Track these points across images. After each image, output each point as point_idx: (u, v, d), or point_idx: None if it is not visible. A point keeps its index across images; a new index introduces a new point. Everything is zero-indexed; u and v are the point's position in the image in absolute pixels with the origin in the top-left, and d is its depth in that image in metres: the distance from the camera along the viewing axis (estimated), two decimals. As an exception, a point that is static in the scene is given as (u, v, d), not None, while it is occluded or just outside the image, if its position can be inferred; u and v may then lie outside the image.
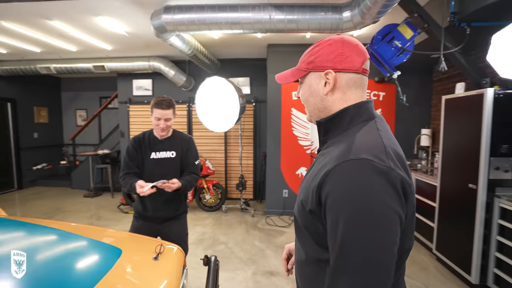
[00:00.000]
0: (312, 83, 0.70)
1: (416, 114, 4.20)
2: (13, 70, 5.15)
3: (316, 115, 0.72)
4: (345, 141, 0.63)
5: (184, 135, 1.90)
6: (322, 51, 0.68)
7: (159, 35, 3.01)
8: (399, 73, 2.36)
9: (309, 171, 0.73)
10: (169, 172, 1.75)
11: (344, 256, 0.54)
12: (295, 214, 0.72)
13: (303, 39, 3.94)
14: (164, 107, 1.67)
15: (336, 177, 0.57)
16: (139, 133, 1.83)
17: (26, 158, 6.16)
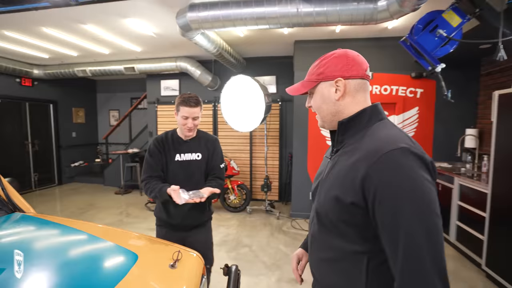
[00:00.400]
0: (323, 91, 0.77)
1: (458, 112, 3.79)
2: (54, 73, 5.50)
3: (330, 120, 0.79)
4: (371, 136, 0.70)
5: (209, 135, 1.77)
6: (330, 63, 0.76)
7: (184, 34, 3.00)
8: (443, 65, 2.09)
9: (330, 167, 0.78)
10: (194, 175, 1.64)
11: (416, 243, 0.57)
12: (321, 212, 0.75)
13: (332, 34, 3.73)
14: (192, 104, 1.53)
15: (383, 167, 0.61)
16: (161, 133, 1.71)
17: (65, 156, 6.59)
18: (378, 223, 0.62)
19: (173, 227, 1.66)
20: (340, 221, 0.70)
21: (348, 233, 0.69)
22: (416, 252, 0.57)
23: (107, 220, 4.14)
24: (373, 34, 3.72)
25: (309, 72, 0.82)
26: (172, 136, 1.66)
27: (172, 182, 1.56)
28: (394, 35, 3.73)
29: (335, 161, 0.77)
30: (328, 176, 0.76)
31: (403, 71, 3.83)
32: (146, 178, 1.59)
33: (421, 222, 0.58)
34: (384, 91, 3.90)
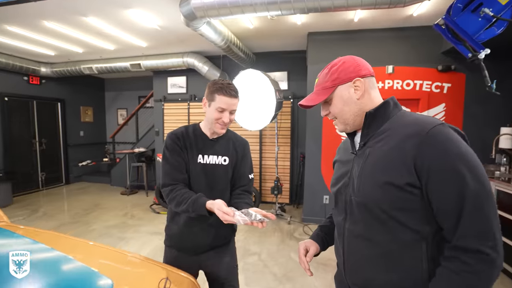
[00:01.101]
0: (343, 94, 0.81)
1: (492, 109, 3.41)
2: (61, 71, 5.42)
3: (353, 120, 0.83)
4: (401, 121, 0.76)
5: (239, 136, 1.44)
6: (342, 67, 0.82)
7: (189, 24, 2.77)
8: (488, 51, 1.76)
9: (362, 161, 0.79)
10: (218, 184, 1.31)
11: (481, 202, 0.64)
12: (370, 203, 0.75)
13: (350, 24, 3.43)
14: (233, 93, 1.22)
15: (434, 141, 0.67)
16: (179, 127, 1.36)
17: (73, 155, 6.52)
18: (436, 195, 0.66)
19: (189, 250, 1.32)
20: (394, 208, 0.71)
21: (404, 220, 0.71)
22: (483, 211, 0.63)
23: (111, 222, 3.98)
24: (395, 23, 3.39)
25: (321, 82, 0.85)
26: (194, 132, 1.32)
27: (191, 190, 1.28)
28: (419, 24, 3.39)
29: (366, 153, 0.79)
30: (364, 168, 0.78)
31: (428, 63, 3.48)
32: (170, 184, 1.23)
33: (483, 184, 0.64)
34: (406, 86, 3.56)
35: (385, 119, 0.79)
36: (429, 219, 0.70)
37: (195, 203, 1.12)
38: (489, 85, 1.90)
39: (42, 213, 4.30)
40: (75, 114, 6.62)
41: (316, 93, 0.86)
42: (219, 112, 1.21)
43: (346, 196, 0.83)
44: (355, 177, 0.81)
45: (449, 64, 3.39)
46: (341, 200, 0.87)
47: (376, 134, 0.79)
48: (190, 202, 1.13)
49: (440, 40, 3.41)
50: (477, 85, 3.39)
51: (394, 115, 0.79)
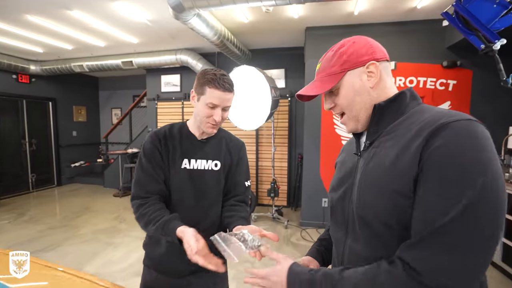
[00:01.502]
0: (354, 82, 0.65)
1: (500, 107, 3.23)
2: (52, 69, 5.24)
3: (365, 115, 0.67)
4: (418, 117, 0.59)
5: (234, 137, 1.22)
6: (352, 49, 0.66)
7: (178, 16, 2.60)
8: (503, 41, 1.59)
9: (365, 163, 0.65)
10: (207, 193, 1.08)
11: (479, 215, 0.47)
12: (369, 216, 0.60)
13: (349, 17, 3.25)
14: (227, 87, 1.00)
15: (449, 134, 0.51)
16: (163, 126, 1.13)
17: (65, 156, 6.34)
18: (432, 189, 0.50)
19: (170, 272, 1.09)
20: (398, 222, 0.56)
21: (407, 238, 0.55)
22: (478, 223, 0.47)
23: (100, 225, 3.80)
24: (398, 17, 3.21)
25: (325, 67, 0.69)
26: (180, 131, 1.10)
27: (171, 202, 1.05)
28: (423, 18, 3.21)
29: (371, 155, 0.64)
30: (366, 173, 0.64)
31: (432, 59, 3.30)
32: (140, 197, 1.01)
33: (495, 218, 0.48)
34: (409, 84, 3.38)
35: (399, 114, 0.63)
36: None
37: (165, 227, 0.91)
38: (504, 79, 1.72)
39: (29, 217, 4.12)
40: (67, 114, 6.44)
41: (320, 80, 0.69)
42: (210, 109, 1.00)
43: (347, 206, 0.68)
44: (356, 184, 0.66)
45: (454, 60, 3.22)
46: (340, 211, 0.71)
47: (386, 132, 0.63)
48: (160, 224, 0.92)
49: (445, 34, 3.24)
50: (485, 82, 3.22)
51: (411, 110, 0.63)
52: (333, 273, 0.60)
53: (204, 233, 0.91)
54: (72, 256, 2.91)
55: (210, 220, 1.09)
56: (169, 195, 1.07)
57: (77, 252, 3.02)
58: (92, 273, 2.71)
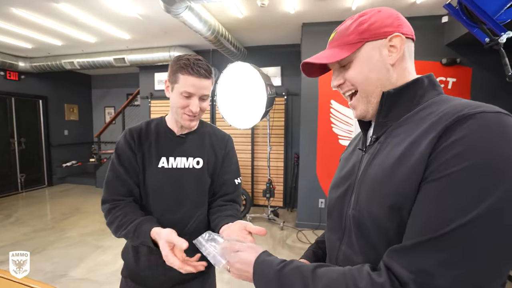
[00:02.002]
0: (371, 54, 0.55)
1: (501, 106, 3.09)
2: (41, 66, 5.09)
3: (378, 96, 0.56)
4: (436, 107, 0.49)
5: (219, 131, 1.10)
6: (376, 17, 0.55)
7: (169, 9, 2.49)
8: (510, 33, 1.51)
9: (369, 160, 0.56)
10: (188, 195, 0.98)
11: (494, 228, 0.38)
12: (366, 224, 0.52)
13: (347, 13, 3.16)
14: (203, 72, 0.87)
15: (472, 126, 0.41)
16: (140, 122, 1.03)
17: (57, 155, 6.18)
18: (440, 189, 0.40)
19: (150, 284, 0.98)
20: (399, 233, 0.46)
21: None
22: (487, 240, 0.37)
23: (89, 228, 3.67)
24: (396, 12, 3.13)
25: (341, 35, 0.58)
26: (156, 128, 1.00)
27: (149, 206, 0.95)
28: (422, 14, 3.13)
29: (375, 151, 0.55)
30: (366, 172, 0.55)
31: (431, 57, 3.23)
32: (110, 200, 0.92)
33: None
34: (408, 81, 3.30)
35: (414, 105, 0.53)
36: None
37: (138, 230, 0.82)
38: (509, 75, 1.64)
39: (15, 219, 3.97)
40: (59, 112, 6.29)
41: (332, 48, 0.58)
42: (185, 98, 0.89)
43: (346, 207, 0.60)
44: (356, 183, 0.58)
45: (454, 57, 3.14)
46: (337, 212, 0.62)
47: (396, 125, 0.54)
48: (132, 227, 0.83)
49: (445, 31, 3.16)
50: (485, 79, 3.15)
51: (429, 100, 0.53)
52: (305, 269, 0.52)
53: (189, 237, 0.82)
54: (58, 260, 2.79)
55: (195, 223, 0.99)
56: (146, 198, 0.97)
57: (63, 256, 2.89)
58: (79, 277, 2.59)
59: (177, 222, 0.95)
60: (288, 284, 0.52)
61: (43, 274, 2.52)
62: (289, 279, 0.52)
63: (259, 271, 0.56)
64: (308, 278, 0.50)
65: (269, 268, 0.55)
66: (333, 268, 0.51)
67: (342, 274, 0.48)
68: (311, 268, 0.51)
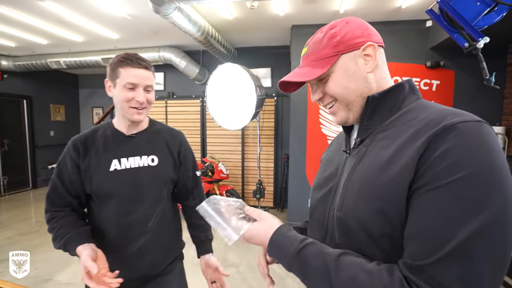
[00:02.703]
0: (348, 66, 0.57)
1: (481, 108, 3.28)
2: (26, 65, 4.96)
3: (359, 105, 0.58)
4: (418, 113, 0.52)
5: (170, 128, 1.13)
6: (346, 29, 0.57)
7: (158, 10, 2.47)
8: (487, 39, 1.57)
9: (355, 162, 0.58)
10: (146, 195, 0.98)
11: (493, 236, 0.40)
12: (353, 226, 0.53)
13: (335, 16, 3.21)
14: (144, 64, 0.91)
15: (456, 136, 0.43)
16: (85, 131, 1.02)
17: (42, 157, 6.02)
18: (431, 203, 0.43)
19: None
20: (385, 235, 0.49)
21: (394, 253, 0.48)
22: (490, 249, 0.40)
23: (76, 231, 3.59)
24: (383, 16, 3.21)
25: (314, 50, 0.59)
26: (104, 133, 0.99)
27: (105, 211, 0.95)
28: (407, 18, 3.22)
29: (361, 154, 0.57)
30: (353, 175, 0.56)
31: (416, 60, 3.32)
32: (49, 211, 0.95)
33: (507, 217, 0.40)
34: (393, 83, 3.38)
35: (395, 109, 0.56)
36: None
37: (67, 245, 0.86)
38: (487, 78, 1.70)
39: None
40: (44, 113, 6.12)
41: (308, 65, 0.59)
42: (130, 90, 0.90)
43: (329, 209, 0.61)
44: (342, 185, 0.59)
45: (438, 60, 3.25)
46: (320, 214, 0.64)
47: (380, 128, 0.56)
48: (63, 242, 0.87)
49: (429, 35, 3.26)
50: (466, 82, 3.27)
51: (410, 104, 0.55)
52: (329, 255, 0.50)
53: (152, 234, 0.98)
54: (42, 265, 2.72)
55: (157, 219, 1.02)
56: (101, 204, 0.97)
57: (48, 260, 2.82)
58: (65, 282, 2.54)
59: (136, 222, 0.97)
60: (308, 268, 0.51)
61: (27, 278, 2.45)
62: (310, 263, 0.51)
63: (278, 244, 0.56)
64: (330, 268, 0.49)
65: (291, 243, 0.54)
66: (357, 260, 0.49)
67: (369, 275, 0.46)
68: (335, 256, 0.50)
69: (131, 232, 0.96)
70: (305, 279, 0.52)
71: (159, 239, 1.01)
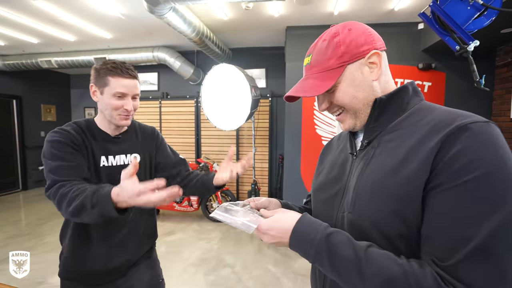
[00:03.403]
0: (354, 76, 0.57)
1: (471, 109, 3.32)
2: (16, 64, 4.86)
3: (366, 111, 0.59)
4: (425, 114, 0.54)
5: (143, 126, 1.18)
6: (350, 37, 0.57)
7: (153, 10, 2.46)
8: (477, 42, 1.62)
9: (363, 164, 0.58)
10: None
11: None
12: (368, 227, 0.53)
13: (330, 18, 3.25)
14: (133, 73, 0.96)
15: (468, 138, 0.45)
16: (70, 122, 1.01)
17: (32, 158, 5.89)
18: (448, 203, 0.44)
19: (95, 277, 1.02)
20: (400, 236, 0.50)
21: (409, 253, 0.49)
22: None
23: None
24: (376, 18, 3.26)
25: (319, 61, 0.59)
26: (89, 129, 1.00)
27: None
28: (400, 20, 3.28)
29: (370, 156, 0.58)
30: (365, 176, 0.57)
31: (408, 61, 3.38)
32: (58, 181, 0.85)
33: None
34: (387, 85, 3.44)
35: (401, 111, 0.57)
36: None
37: (95, 195, 0.75)
38: (477, 81, 1.76)
39: (-13, 225, 3.76)
40: (34, 113, 6.00)
41: (315, 77, 0.59)
42: (119, 99, 0.95)
43: (337, 210, 0.62)
44: (351, 187, 0.59)
45: (429, 63, 3.31)
46: (326, 215, 0.64)
47: (386, 130, 0.57)
48: (88, 194, 0.76)
49: (421, 37, 3.33)
50: (457, 84, 3.34)
51: (414, 106, 0.57)
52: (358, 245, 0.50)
53: (133, 225, 1.05)
54: (35, 267, 2.67)
55: (134, 212, 1.06)
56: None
57: (40, 262, 2.77)
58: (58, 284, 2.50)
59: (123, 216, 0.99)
60: (337, 256, 0.50)
61: (20, 281, 2.41)
62: (339, 252, 0.50)
63: (302, 232, 0.54)
64: (361, 258, 0.48)
65: (316, 231, 0.53)
66: (386, 252, 0.49)
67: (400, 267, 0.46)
68: (364, 246, 0.50)
69: (114, 224, 1.02)
70: (332, 268, 0.51)
71: (138, 230, 1.09)
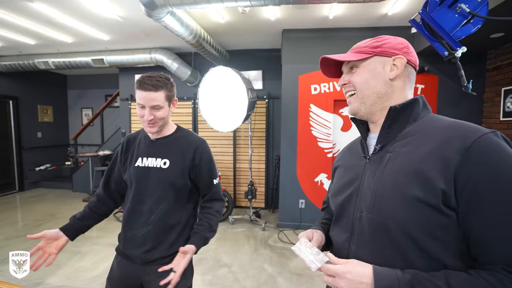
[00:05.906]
0: (375, 66, 0.67)
1: (462, 111, 3.44)
2: (12, 65, 4.86)
3: (372, 101, 0.68)
4: (435, 124, 0.61)
5: (192, 136, 1.22)
6: (390, 40, 0.68)
7: (150, 14, 2.50)
8: (464, 49, 1.67)
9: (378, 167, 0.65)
10: (149, 192, 1.12)
11: None
12: (391, 224, 0.58)
13: (325, 21, 3.31)
14: (148, 87, 1.04)
15: (485, 153, 0.52)
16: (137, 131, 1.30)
17: (29, 159, 5.89)
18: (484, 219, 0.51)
19: (126, 256, 1.15)
20: (425, 234, 0.55)
21: (434, 251, 0.55)
22: None
23: None
24: (370, 22, 3.32)
25: (359, 45, 0.71)
26: (141, 134, 1.25)
27: (129, 197, 1.18)
28: (393, 24, 3.35)
29: (386, 159, 0.64)
30: (383, 177, 0.62)
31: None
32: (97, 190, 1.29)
33: None
34: (381, 87, 3.50)
35: (411, 120, 0.65)
36: (464, 253, 0.55)
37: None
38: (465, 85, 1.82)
39: (-16, 226, 3.77)
40: (31, 114, 6.00)
41: (349, 54, 0.72)
42: (141, 109, 1.09)
43: (353, 210, 0.68)
44: (368, 188, 0.65)
45: (422, 66, 3.38)
46: (345, 215, 0.71)
47: (398, 136, 0.65)
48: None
49: (414, 41, 3.39)
50: (449, 87, 3.42)
51: (423, 117, 0.65)
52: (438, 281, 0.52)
53: (152, 227, 1.11)
54: (33, 268, 2.69)
55: (158, 215, 1.12)
56: (128, 190, 1.19)
57: (38, 263, 2.79)
58: (56, 285, 2.53)
59: (145, 212, 1.13)
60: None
61: (17, 282, 2.43)
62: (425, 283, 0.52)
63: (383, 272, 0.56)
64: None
65: (396, 280, 0.54)
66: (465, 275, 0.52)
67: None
68: (443, 281, 0.51)
69: (140, 219, 1.13)
70: None
71: (158, 234, 1.12)
